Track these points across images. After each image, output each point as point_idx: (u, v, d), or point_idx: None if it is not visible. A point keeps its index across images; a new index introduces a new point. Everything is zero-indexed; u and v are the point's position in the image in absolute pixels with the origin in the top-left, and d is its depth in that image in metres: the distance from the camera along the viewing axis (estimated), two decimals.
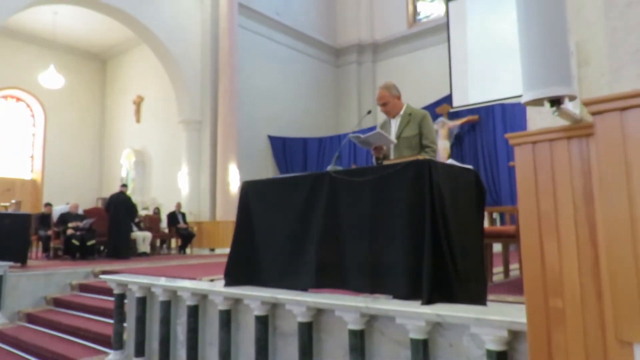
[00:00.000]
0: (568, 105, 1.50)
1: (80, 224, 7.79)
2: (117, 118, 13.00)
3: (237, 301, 3.11)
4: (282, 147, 11.87)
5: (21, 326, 5.38)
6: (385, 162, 2.78)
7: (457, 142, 10.24)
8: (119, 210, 7.80)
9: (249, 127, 11.03)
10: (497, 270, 4.33)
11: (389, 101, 3.31)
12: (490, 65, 8.51)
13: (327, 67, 13.48)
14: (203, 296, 3.31)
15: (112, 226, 7.83)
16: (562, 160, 1.54)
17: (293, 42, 12.51)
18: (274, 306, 2.92)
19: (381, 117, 3.55)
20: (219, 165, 10.23)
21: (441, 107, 10.18)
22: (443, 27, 11.13)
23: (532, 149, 1.69)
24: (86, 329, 4.58)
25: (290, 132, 12.01)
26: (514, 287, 3.63)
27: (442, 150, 10.13)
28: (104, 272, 5.98)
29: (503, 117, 9.43)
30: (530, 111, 1.80)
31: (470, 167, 2.88)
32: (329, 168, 2.96)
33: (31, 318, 5.42)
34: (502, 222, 6.16)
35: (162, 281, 3.59)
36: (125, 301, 3.95)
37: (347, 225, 2.78)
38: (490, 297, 2.81)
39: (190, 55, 10.60)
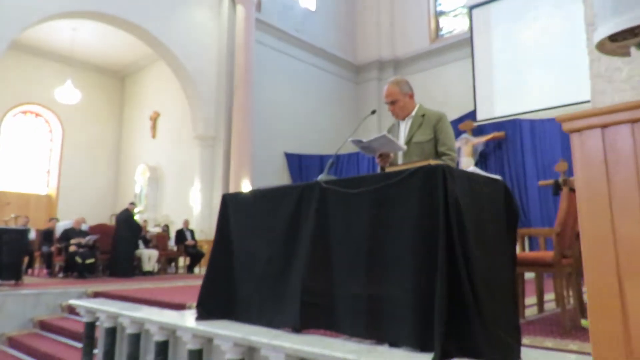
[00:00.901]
0: None
1: (83, 241, 7.38)
2: (134, 134, 12.78)
3: (209, 340, 2.52)
4: (298, 164, 11.37)
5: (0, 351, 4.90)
6: (389, 169, 2.18)
7: (482, 160, 9.51)
8: (121, 227, 7.37)
9: (265, 143, 10.59)
10: (530, 301, 3.62)
11: (399, 99, 2.71)
12: (517, 76, 7.85)
13: (346, 84, 13.01)
14: (173, 331, 2.73)
15: (115, 244, 7.39)
16: None
17: (312, 58, 12.13)
18: (250, 349, 2.32)
19: (387, 122, 2.94)
20: (231, 182, 9.77)
21: (464, 123, 9.51)
22: (466, 42, 10.56)
23: (602, 136, 1.08)
24: (60, 358, 4.05)
25: (307, 149, 11.52)
26: (551, 324, 2.93)
27: (466, 169, 9.45)
28: (97, 294, 5.49)
29: (532, 134, 8.69)
30: (597, 80, 1.18)
31: (498, 177, 2.25)
32: (321, 177, 2.37)
33: (12, 343, 4.94)
34: (533, 247, 5.46)
35: (129, 311, 3.02)
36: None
37: (340, 248, 2.19)
38: (524, 340, 2.15)
39: (206, 71, 10.29)
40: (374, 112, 2.90)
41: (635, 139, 1.02)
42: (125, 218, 7.53)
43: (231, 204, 2.76)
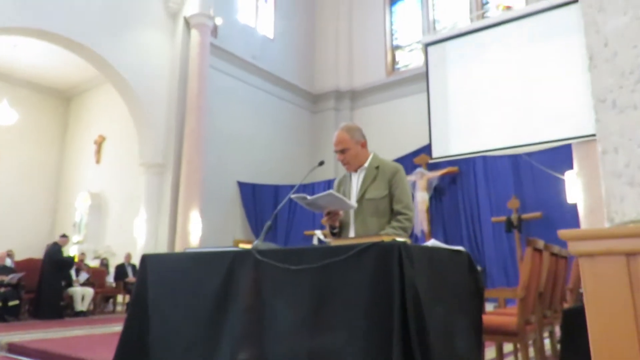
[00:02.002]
0: None
1: (6, 279, 6.55)
2: (77, 158, 11.90)
3: None
4: (252, 194, 10.89)
5: None
6: (335, 242, 1.82)
7: (437, 195, 9.43)
8: (47, 263, 6.60)
9: (217, 172, 10.07)
10: None
11: (350, 147, 2.36)
12: (472, 115, 7.81)
13: (303, 113, 12.77)
14: None
15: (40, 282, 6.59)
16: None
17: (268, 86, 11.82)
18: None
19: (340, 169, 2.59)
20: (180, 212, 9.16)
21: (420, 157, 9.42)
22: (422, 76, 10.56)
23: (627, 267, 0.75)
24: None
25: (262, 178, 11.08)
26: None
27: (421, 202, 9.31)
28: (12, 346, 4.75)
29: (485, 169, 8.68)
30: (613, 181, 0.85)
31: (460, 248, 1.93)
32: (256, 243, 1.97)
33: None
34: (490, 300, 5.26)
35: None
36: None
37: (275, 330, 1.79)
38: None
39: (156, 95, 9.74)
40: (321, 163, 2.54)
41: None
42: (53, 252, 6.76)
43: (151, 266, 2.30)
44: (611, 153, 0.76)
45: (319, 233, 9.88)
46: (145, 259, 2.31)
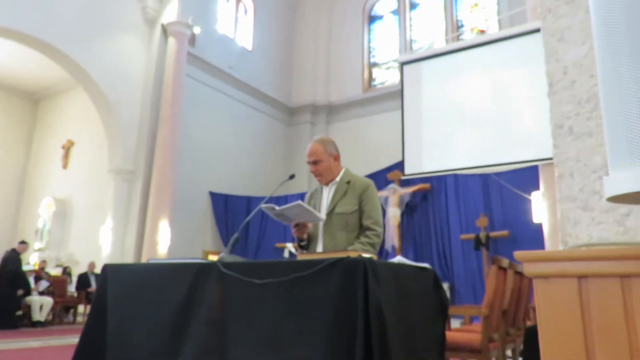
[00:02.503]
0: None
1: None
2: (43, 162, 11.53)
3: None
4: (223, 205, 10.76)
5: None
6: (302, 256, 1.81)
7: (408, 211, 9.53)
8: (2, 270, 6.32)
9: (189, 181, 9.92)
10: None
11: (323, 159, 2.36)
12: (444, 134, 7.98)
13: (279, 125, 12.77)
14: None
15: None
16: None
17: (245, 97, 11.79)
18: None
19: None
20: (148, 221, 8.96)
21: (393, 173, 9.53)
22: (397, 94, 10.74)
23: (579, 290, 0.77)
24: None
25: (235, 189, 10.98)
26: None
27: (393, 218, 9.38)
28: None
29: (456, 187, 8.85)
30: (568, 205, 0.87)
31: (426, 265, 1.94)
32: (222, 256, 1.94)
33: None
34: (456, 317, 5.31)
35: None
36: None
37: (238, 347, 1.76)
38: None
39: (129, 101, 9.56)
40: (292, 176, 2.54)
41: (626, 300, 0.71)
42: (9, 259, 6.47)
43: (112, 276, 2.23)
44: (567, 177, 0.78)
45: (290, 246, 9.82)
46: (106, 268, 2.24)
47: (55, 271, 8.91)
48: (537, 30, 6.79)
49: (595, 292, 0.74)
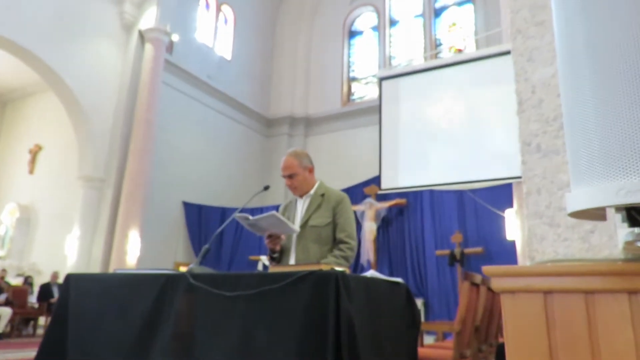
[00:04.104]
0: None
1: None
2: (7, 167, 11.16)
3: None
4: (197, 216, 10.60)
5: None
6: (273, 269, 1.79)
7: (384, 225, 9.61)
8: None
9: (162, 190, 9.76)
10: None
11: (297, 173, 2.37)
12: (421, 150, 8.11)
13: (256, 136, 12.74)
14: None
15: None
16: (622, 338, 0.64)
17: (222, 107, 11.74)
18: None
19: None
20: (118, 231, 8.74)
21: (369, 187, 9.61)
22: (375, 109, 10.87)
23: (544, 305, 0.79)
24: None
25: (209, 200, 10.85)
26: None
27: (369, 232, 9.43)
28: None
29: (431, 203, 8.97)
30: (535, 221, 0.89)
31: (399, 280, 1.96)
32: (191, 267, 1.91)
33: None
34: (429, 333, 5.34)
35: None
36: None
37: (207, 356, 1.72)
38: None
39: (102, 107, 9.40)
40: (266, 188, 2.53)
41: (590, 316, 0.72)
42: None
43: (75, 287, 2.16)
44: (534, 194, 0.81)
45: (264, 259, 9.72)
46: (69, 278, 2.17)
47: (15, 281, 8.59)
48: (509, 52, 7.03)
49: (560, 307, 0.76)
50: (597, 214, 0.59)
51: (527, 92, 0.87)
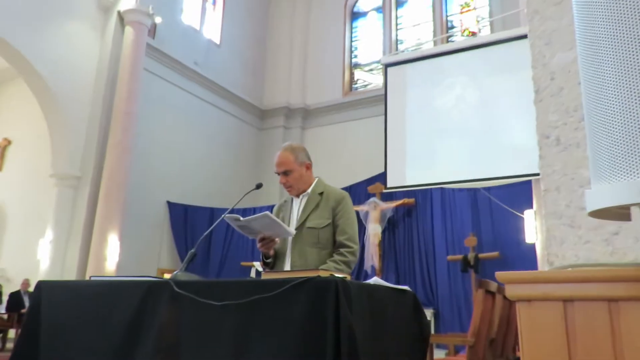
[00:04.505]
0: None
1: None
2: None
3: None
4: (183, 217, 10.62)
5: None
6: (266, 275, 1.80)
7: (390, 228, 9.61)
8: None
9: (143, 189, 9.78)
10: None
11: (293, 169, 2.38)
12: (430, 144, 8.11)
13: (248, 129, 12.74)
14: None
15: None
16: None
17: (210, 97, 11.74)
18: None
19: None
20: (95, 234, 8.78)
21: (374, 185, 9.61)
22: (380, 98, 10.88)
23: (564, 314, 0.79)
24: None
25: (197, 199, 10.86)
26: None
27: (373, 236, 9.43)
28: None
29: (442, 203, 8.98)
30: (553, 221, 0.89)
31: (406, 288, 1.97)
32: (176, 274, 1.92)
33: None
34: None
35: None
36: None
37: None
38: None
39: (78, 97, 9.40)
40: (259, 186, 2.53)
41: (614, 326, 0.73)
42: None
43: (47, 295, 2.16)
44: (553, 192, 0.81)
45: (257, 265, 9.77)
46: (41, 285, 2.18)
47: None
48: None
49: (581, 316, 0.76)
50: (620, 214, 0.59)
51: (545, 78, 0.87)
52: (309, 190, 2.41)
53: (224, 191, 11.31)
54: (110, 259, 8.63)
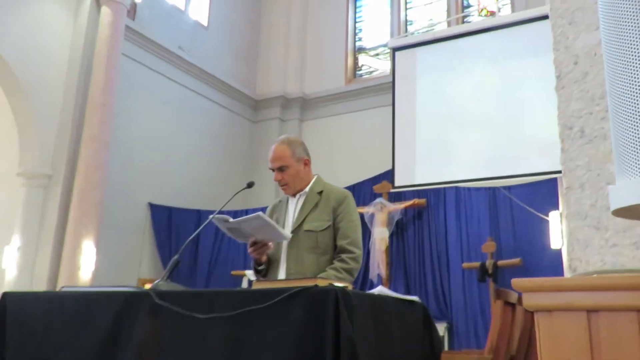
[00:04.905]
0: None
1: None
2: None
3: None
4: (167, 220, 10.65)
5: None
6: (257, 285, 1.81)
7: (399, 232, 9.63)
8: None
9: (122, 189, 9.80)
10: None
11: (290, 165, 2.39)
12: (444, 138, 8.12)
13: (240, 121, 12.76)
14: None
15: None
16: None
17: (197, 85, 11.75)
18: None
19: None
20: (68, 240, 8.81)
21: (380, 184, 9.63)
22: (388, 86, 10.89)
23: (588, 325, 0.80)
24: None
25: (182, 201, 10.88)
26: None
27: (380, 241, 9.45)
28: None
29: (457, 203, 8.99)
30: (577, 222, 0.89)
31: (414, 298, 1.97)
32: (157, 283, 1.92)
33: None
34: None
35: None
36: None
37: None
38: None
39: (49, 87, 9.42)
40: (250, 185, 2.54)
41: None
42: None
43: (13, 309, 2.17)
44: (576, 190, 0.81)
45: (250, 274, 9.80)
46: (5, 297, 2.19)
47: None
48: None
49: (606, 328, 0.76)
50: None
51: (568, 63, 0.87)
52: (307, 189, 2.42)
53: (212, 191, 11.31)
54: (85, 268, 8.66)
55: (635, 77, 0.56)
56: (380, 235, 9.46)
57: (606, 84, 0.59)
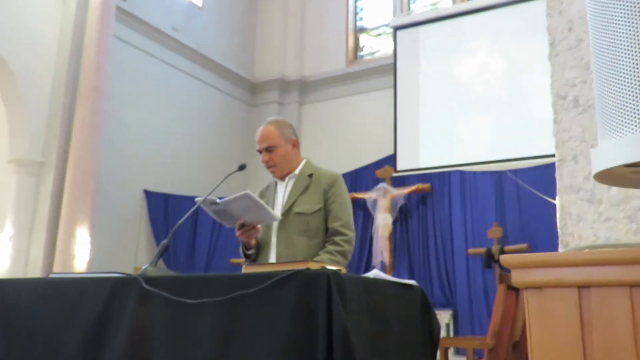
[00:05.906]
0: None
1: None
2: None
3: None
4: (163, 208, 10.68)
5: None
6: (247, 269, 1.81)
7: (402, 217, 9.66)
8: None
9: (116, 176, 9.81)
10: None
11: (278, 145, 2.41)
12: (448, 120, 8.09)
13: (237, 105, 12.73)
14: None
15: None
16: None
17: (192, 68, 11.71)
18: None
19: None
20: (62, 228, 8.83)
21: (383, 169, 9.64)
22: (389, 68, 10.85)
23: (579, 302, 0.80)
24: None
25: (178, 187, 10.90)
26: None
27: (383, 227, 9.48)
28: None
29: (462, 188, 8.99)
30: (569, 196, 0.88)
31: (412, 282, 1.98)
32: (145, 268, 1.93)
33: None
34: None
35: None
36: None
37: None
38: None
39: (38, 71, 9.39)
40: (242, 167, 2.54)
41: (636, 315, 0.74)
42: None
43: (2, 296, 2.19)
44: (569, 162, 0.79)
45: None
46: None
47: None
48: None
49: (598, 304, 0.76)
50: (635, 179, 0.58)
51: (562, 29, 0.86)
52: (297, 171, 2.43)
53: (210, 178, 11.30)
54: (80, 257, 8.69)
55: (619, 33, 0.55)
56: (384, 221, 9.47)
57: (591, 40, 0.57)
